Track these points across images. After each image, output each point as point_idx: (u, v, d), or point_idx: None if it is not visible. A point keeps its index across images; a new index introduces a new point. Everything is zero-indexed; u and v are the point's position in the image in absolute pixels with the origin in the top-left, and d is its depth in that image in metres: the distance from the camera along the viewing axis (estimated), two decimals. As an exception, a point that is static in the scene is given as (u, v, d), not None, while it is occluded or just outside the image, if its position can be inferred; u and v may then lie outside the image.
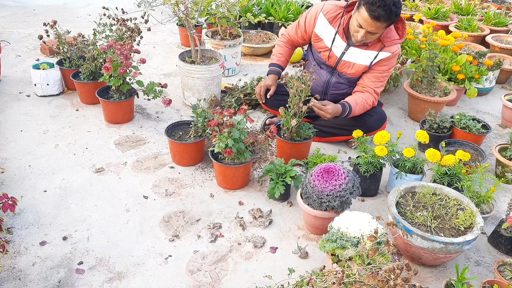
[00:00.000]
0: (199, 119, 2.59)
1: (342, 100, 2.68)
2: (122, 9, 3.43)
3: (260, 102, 2.93)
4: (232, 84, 3.47)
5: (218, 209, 2.35)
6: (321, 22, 2.67)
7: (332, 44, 2.67)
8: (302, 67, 2.62)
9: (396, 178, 2.37)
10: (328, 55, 2.72)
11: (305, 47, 3.76)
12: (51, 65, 3.31)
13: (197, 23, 4.15)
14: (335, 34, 2.64)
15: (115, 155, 2.73)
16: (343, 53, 2.66)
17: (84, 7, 5.44)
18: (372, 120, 2.74)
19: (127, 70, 2.83)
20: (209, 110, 2.72)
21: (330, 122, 2.79)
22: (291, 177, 2.34)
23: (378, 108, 2.83)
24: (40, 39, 3.30)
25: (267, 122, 3.00)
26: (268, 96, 2.86)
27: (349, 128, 2.65)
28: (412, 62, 3.62)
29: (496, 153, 2.67)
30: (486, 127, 2.89)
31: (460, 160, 2.31)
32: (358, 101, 2.67)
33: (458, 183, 2.26)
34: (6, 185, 2.42)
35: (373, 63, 2.64)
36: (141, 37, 3.32)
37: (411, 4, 5.34)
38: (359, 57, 2.64)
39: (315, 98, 2.56)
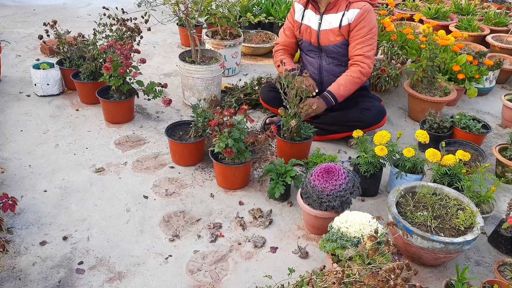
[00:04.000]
0: (199, 119, 2.59)
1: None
2: (122, 9, 3.43)
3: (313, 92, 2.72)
4: (232, 84, 3.47)
5: (218, 209, 2.35)
6: (297, 8, 2.86)
7: (307, 20, 2.81)
8: (300, 68, 2.65)
9: (396, 178, 2.37)
10: (309, 33, 2.82)
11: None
12: (51, 65, 3.31)
13: (197, 23, 4.15)
14: (304, 11, 2.82)
15: (115, 155, 2.73)
16: (319, 24, 2.75)
17: (84, 7, 5.44)
18: (371, 115, 2.75)
19: (127, 70, 2.83)
20: (209, 110, 2.72)
21: (329, 119, 2.80)
22: (291, 177, 2.34)
23: (377, 103, 2.84)
24: (40, 39, 3.30)
25: (267, 121, 3.00)
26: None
27: (349, 124, 2.67)
28: (412, 62, 3.62)
29: (496, 153, 2.66)
30: (486, 127, 2.89)
31: (460, 160, 2.31)
32: (340, 81, 2.73)
33: (458, 183, 2.25)
34: (6, 185, 2.42)
35: (343, 23, 2.69)
36: (141, 37, 3.32)
37: (411, 4, 5.33)
38: (333, 21, 2.72)
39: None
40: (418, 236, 1.86)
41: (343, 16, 2.68)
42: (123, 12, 3.40)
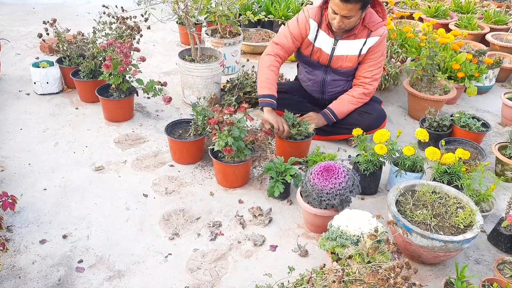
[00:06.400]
0: (199, 117, 2.59)
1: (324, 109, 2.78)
2: (122, 7, 3.43)
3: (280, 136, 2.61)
4: (230, 79, 3.43)
5: (218, 208, 2.35)
6: (312, 26, 2.66)
7: (319, 43, 2.69)
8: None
9: (396, 177, 2.37)
10: (319, 56, 2.74)
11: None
12: (51, 63, 3.31)
13: (197, 21, 4.14)
14: (318, 31, 2.66)
15: (114, 153, 2.73)
16: (333, 49, 2.68)
17: (84, 5, 5.43)
18: (371, 119, 2.75)
19: (127, 68, 2.83)
20: (209, 108, 2.72)
21: None
22: (291, 175, 2.34)
23: (378, 107, 2.84)
24: (40, 37, 3.29)
25: (267, 120, 3.00)
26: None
27: (349, 127, 2.66)
28: (412, 60, 3.62)
29: (495, 151, 2.67)
30: (485, 125, 2.89)
31: (460, 158, 2.31)
32: (342, 100, 2.75)
33: (457, 181, 2.26)
34: (6, 184, 2.42)
35: (363, 51, 2.65)
36: (141, 35, 3.32)
37: (411, 2, 5.33)
38: (350, 48, 2.66)
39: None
40: (417, 234, 1.87)
41: (364, 44, 2.62)
42: (123, 10, 3.40)
